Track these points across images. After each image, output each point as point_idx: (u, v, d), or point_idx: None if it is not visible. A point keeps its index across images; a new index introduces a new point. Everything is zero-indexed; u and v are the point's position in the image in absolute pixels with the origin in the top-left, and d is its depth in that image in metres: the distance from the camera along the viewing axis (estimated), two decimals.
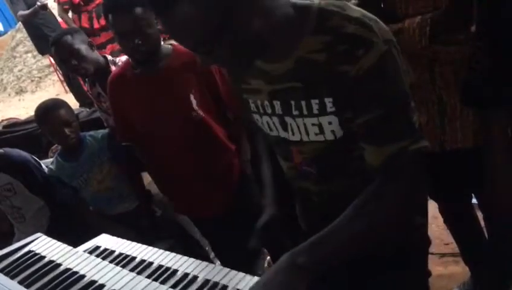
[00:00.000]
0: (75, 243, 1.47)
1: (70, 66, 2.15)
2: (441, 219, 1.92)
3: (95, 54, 2.21)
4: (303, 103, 0.91)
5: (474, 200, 1.82)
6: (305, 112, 0.92)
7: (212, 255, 2.26)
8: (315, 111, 0.91)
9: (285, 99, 0.94)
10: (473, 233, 1.89)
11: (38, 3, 4.42)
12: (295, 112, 0.93)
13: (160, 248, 2.13)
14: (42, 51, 5.11)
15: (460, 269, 2.14)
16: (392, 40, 0.84)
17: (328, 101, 0.88)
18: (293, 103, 0.93)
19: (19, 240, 2.14)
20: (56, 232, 2.13)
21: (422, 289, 1.21)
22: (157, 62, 1.70)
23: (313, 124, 0.93)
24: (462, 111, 1.38)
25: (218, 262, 2.14)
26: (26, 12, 4.51)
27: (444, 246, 2.25)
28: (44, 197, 2.18)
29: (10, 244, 2.11)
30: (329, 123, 0.91)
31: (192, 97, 1.68)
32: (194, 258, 1.72)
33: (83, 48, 2.13)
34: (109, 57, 2.29)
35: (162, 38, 1.76)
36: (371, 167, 0.90)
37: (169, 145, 1.76)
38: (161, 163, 1.86)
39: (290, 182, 1.14)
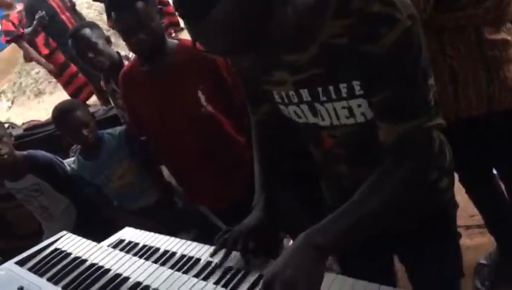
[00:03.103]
0: (102, 239, 1.51)
1: (87, 59, 2.18)
2: (464, 191, 1.90)
3: (111, 49, 2.24)
4: (331, 88, 0.91)
5: (494, 171, 1.80)
6: (333, 96, 0.92)
7: None
8: (344, 95, 0.90)
9: (312, 86, 0.94)
10: (495, 203, 1.87)
11: (37, 16, 4.37)
12: (323, 98, 0.93)
13: (185, 239, 2.18)
14: None
15: (486, 240, 2.12)
16: (415, 15, 0.83)
17: (356, 84, 0.88)
18: (320, 89, 0.92)
19: (48, 238, 2.21)
20: (83, 230, 2.19)
21: (456, 251, 1.22)
22: (163, 58, 1.70)
23: (343, 107, 0.93)
24: (475, 77, 1.36)
25: None
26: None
27: (469, 218, 2.23)
28: (70, 196, 2.22)
29: (40, 242, 2.20)
30: (359, 106, 0.91)
31: (200, 93, 1.69)
32: None
33: (100, 42, 2.16)
34: (122, 53, 2.32)
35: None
36: (384, 144, 0.90)
37: (180, 140, 1.77)
38: (174, 157, 1.88)
39: (319, 165, 1.14)
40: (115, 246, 1.36)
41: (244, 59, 0.84)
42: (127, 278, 1.05)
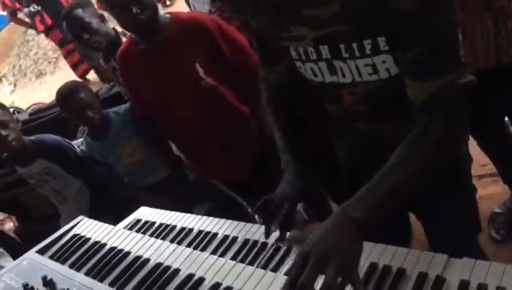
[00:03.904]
0: (118, 218, 1.52)
1: (83, 40, 2.13)
2: (474, 141, 1.88)
3: (107, 27, 2.19)
4: (354, 44, 0.88)
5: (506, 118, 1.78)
6: (357, 53, 0.89)
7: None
8: (368, 52, 0.87)
9: (333, 43, 0.90)
10: (509, 152, 1.85)
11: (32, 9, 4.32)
12: (345, 55, 0.90)
13: (199, 211, 2.20)
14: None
15: (500, 189, 2.11)
16: None
17: (381, 40, 0.85)
18: (342, 46, 0.89)
19: (65, 220, 2.24)
20: (99, 210, 2.23)
21: (473, 206, 1.21)
22: (158, 34, 1.68)
23: (366, 65, 0.90)
24: (482, 29, 1.33)
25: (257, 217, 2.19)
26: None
27: (481, 168, 2.21)
28: (82, 177, 2.23)
29: (57, 225, 2.23)
30: (383, 62, 0.88)
31: (198, 66, 1.67)
32: (234, 215, 1.77)
33: (94, 22, 2.10)
34: (119, 29, 2.27)
35: None
36: (414, 104, 0.87)
37: (183, 115, 1.77)
38: (179, 132, 1.89)
39: (337, 123, 1.12)
40: (132, 227, 1.38)
41: (262, 15, 0.81)
42: (147, 260, 1.06)
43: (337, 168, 1.28)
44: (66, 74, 5.04)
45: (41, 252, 1.26)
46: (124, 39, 2.15)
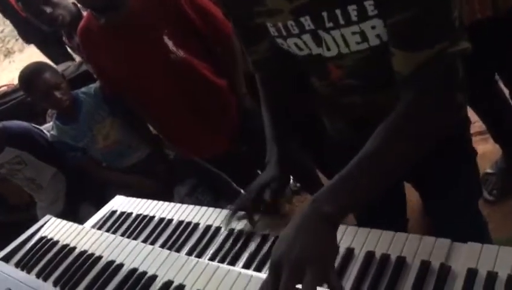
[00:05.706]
0: (97, 204, 1.45)
1: (46, 16, 1.95)
2: None
3: (66, 1, 2.01)
4: (338, 11, 0.78)
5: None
6: (341, 21, 0.79)
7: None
8: (353, 18, 0.77)
9: (315, 12, 0.80)
10: (499, 111, 1.78)
11: None
12: (329, 24, 0.80)
13: (182, 191, 2.10)
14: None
15: (490, 147, 2.06)
16: None
17: (369, 4, 0.75)
18: (325, 14, 0.79)
19: (41, 209, 2.14)
20: (76, 196, 2.13)
21: (474, 170, 1.14)
22: (119, 7, 1.53)
23: (354, 33, 0.80)
24: None
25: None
26: None
27: (471, 125, 2.15)
28: (55, 164, 2.12)
29: (34, 213, 2.13)
30: (373, 28, 0.78)
31: (166, 38, 1.54)
32: (220, 191, 1.66)
33: None
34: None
35: None
36: (399, 76, 0.78)
37: (156, 92, 1.65)
38: (155, 111, 1.77)
39: (326, 99, 1.02)
40: (107, 219, 1.28)
41: None
42: (121, 265, 0.95)
43: (323, 139, 1.20)
44: (35, 52, 4.77)
45: (6, 259, 1.15)
46: (84, 14, 1.98)
